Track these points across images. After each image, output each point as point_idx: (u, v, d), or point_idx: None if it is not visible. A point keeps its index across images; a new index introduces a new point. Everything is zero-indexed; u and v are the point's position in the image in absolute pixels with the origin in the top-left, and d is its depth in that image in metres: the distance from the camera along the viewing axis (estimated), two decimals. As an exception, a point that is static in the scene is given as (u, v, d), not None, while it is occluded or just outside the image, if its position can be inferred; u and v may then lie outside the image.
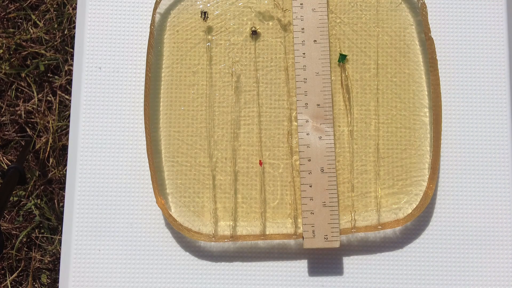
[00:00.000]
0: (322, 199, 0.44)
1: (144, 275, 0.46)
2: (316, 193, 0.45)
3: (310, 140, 0.45)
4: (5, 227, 1.03)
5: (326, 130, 0.45)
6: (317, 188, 0.45)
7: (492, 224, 0.47)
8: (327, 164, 0.45)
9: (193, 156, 0.47)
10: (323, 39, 0.47)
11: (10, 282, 1.02)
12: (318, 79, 0.46)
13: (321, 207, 0.44)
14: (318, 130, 0.45)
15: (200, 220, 0.46)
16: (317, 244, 0.44)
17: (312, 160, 0.45)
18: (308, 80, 0.46)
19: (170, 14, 0.48)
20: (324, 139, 0.45)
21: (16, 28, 1.11)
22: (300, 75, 0.46)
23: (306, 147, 0.45)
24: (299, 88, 0.46)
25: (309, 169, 0.45)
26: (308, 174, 0.45)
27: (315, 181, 0.45)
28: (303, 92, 0.46)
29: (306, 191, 0.45)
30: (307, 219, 0.44)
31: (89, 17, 0.49)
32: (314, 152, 0.45)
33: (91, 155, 0.48)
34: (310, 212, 0.44)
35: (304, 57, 0.46)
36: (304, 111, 0.46)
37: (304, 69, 0.46)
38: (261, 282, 0.46)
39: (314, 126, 0.45)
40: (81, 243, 0.47)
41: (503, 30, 0.49)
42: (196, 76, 0.48)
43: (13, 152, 1.07)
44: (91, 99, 0.48)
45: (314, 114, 0.46)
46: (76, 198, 0.47)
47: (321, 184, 0.45)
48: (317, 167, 0.45)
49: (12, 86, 1.08)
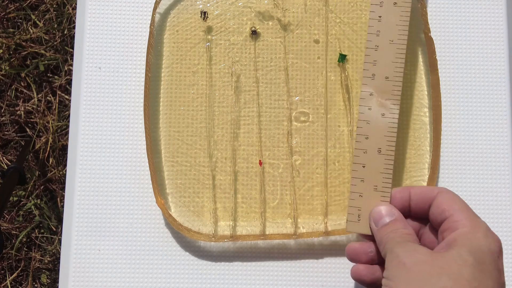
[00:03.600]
0: (374, 182, 0.40)
1: (144, 275, 0.46)
2: (369, 175, 0.40)
3: (371, 116, 0.41)
4: (5, 227, 1.03)
5: (391, 107, 0.41)
6: (370, 170, 0.41)
7: (492, 224, 0.47)
8: (386, 145, 0.40)
9: (193, 156, 0.47)
10: (405, 2, 0.42)
11: (10, 282, 1.02)
12: (392, 48, 0.41)
13: (372, 191, 0.40)
14: (382, 106, 0.41)
15: (200, 220, 0.46)
16: (361, 229, 0.40)
17: (370, 139, 0.41)
18: (379, 48, 0.41)
19: (170, 14, 0.48)
20: (387, 117, 0.41)
21: (16, 28, 1.11)
22: (372, 41, 0.42)
23: (366, 123, 0.41)
24: (368, 56, 0.41)
25: (364, 147, 0.41)
26: (363, 153, 0.41)
27: (369, 162, 0.41)
28: (371, 61, 0.41)
29: (358, 171, 0.41)
30: (354, 201, 0.41)
31: (89, 17, 0.49)
32: (374, 130, 0.41)
33: (91, 155, 0.48)
34: (358, 194, 0.41)
35: (380, 21, 0.42)
36: (369, 83, 0.41)
37: (378, 35, 0.41)
38: (261, 282, 0.46)
39: (378, 101, 0.41)
40: (81, 243, 0.47)
41: (503, 30, 0.49)
42: (196, 76, 0.48)
43: (13, 152, 1.07)
44: (91, 99, 0.48)
45: (380, 88, 0.41)
46: (76, 198, 0.47)
47: (376, 166, 0.40)
48: (374, 147, 0.41)
49: (12, 86, 1.08)
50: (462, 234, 0.34)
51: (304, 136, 0.47)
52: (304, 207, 0.46)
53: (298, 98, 0.48)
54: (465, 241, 0.34)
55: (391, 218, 0.38)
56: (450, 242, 0.35)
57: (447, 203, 0.37)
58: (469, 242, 0.34)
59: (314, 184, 0.47)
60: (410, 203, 0.39)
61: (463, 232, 0.35)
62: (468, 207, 0.36)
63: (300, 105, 0.48)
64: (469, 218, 0.35)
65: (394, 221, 0.38)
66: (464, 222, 0.35)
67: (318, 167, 0.47)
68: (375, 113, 0.41)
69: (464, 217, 0.35)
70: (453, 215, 0.36)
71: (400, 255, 0.34)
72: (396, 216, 0.38)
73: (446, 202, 0.37)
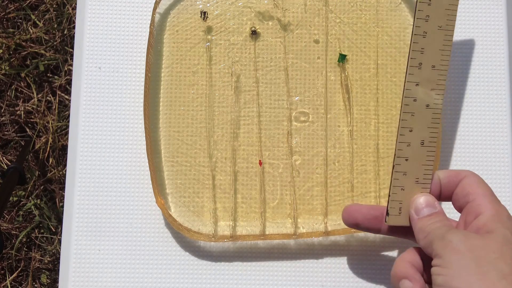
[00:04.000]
0: (416, 175, 0.40)
1: (144, 275, 0.46)
2: (412, 168, 0.40)
3: (416, 108, 0.39)
4: (5, 227, 1.03)
5: (435, 97, 0.39)
6: (413, 163, 0.40)
7: (492, 224, 0.47)
8: (429, 137, 0.39)
9: (193, 156, 0.47)
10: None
11: (10, 282, 1.02)
12: (440, 35, 0.39)
13: (413, 183, 0.40)
14: (427, 96, 0.39)
15: (200, 220, 0.46)
16: (401, 221, 0.40)
17: (414, 131, 0.39)
18: (428, 34, 0.39)
19: (170, 14, 0.48)
20: (432, 107, 0.39)
21: (15, 28, 1.11)
22: (420, 27, 0.39)
23: (410, 116, 0.39)
24: (416, 44, 0.39)
25: (408, 141, 0.39)
26: (406, 146, 0.39)
27: (412, 154, 0.40)
28: (419, 49, 0.39)
29: (401, 165, 0.40)
30: (396, 195, 0.40)
31: (88, 17, 0.49)
32: (418, 122, 0.39)
33: (90, 155, 0.48)
34: (400, 188, 0.40)
35: (430, 5, 0.39)
36: (415, 73, 0.39)
37: (427, 20, 0.39)
38: (261, 282, 0.46)
39: (423, 92, 0.39)
40: (80, 243, 0.47)
41: (503, 30, 0.49)
42: (196, 76, 0.48)
43: (13, 152, 1.07)
44: (90, 99, 0.48)
45: (426, 77, 0.39)
46: (76, 198, 0.47)
47: (418, 158, 0.40)
48: (417, 140, 0.39)
49: (12, 86, 1.08)
50: (491, 218, 0.35)
51: (304, 136, 0.47)
52: (304, 207, 0.46)
53: (298, 98, 0.48)
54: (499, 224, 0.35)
55: (434, 210, 0.38)
56: (480, 227, 0.35)
57: (472, 187, 0.37)
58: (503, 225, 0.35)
59: (314, 184, 0.47)
60: (441, 188, 0.39)
61: (491, 216, 0.35)
62: (491, 192, 0.37)
63: (300, 105, 0.48)
64: (492, 203, 0.36)
65: (438, 213, 0.38)
66: (488, 206, 0.36)
67: (318, 167, 0.47)
68: (420, 104, 0.39)
69: (487, 202, 0.36)
70: (476, 199, 0.36)
71: (453, 241, 0.34)
72: (439, 208, 0.39)
73: (470, 185, 0.37)
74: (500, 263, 0.33)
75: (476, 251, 0.34)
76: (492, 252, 0.33)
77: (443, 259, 0.34)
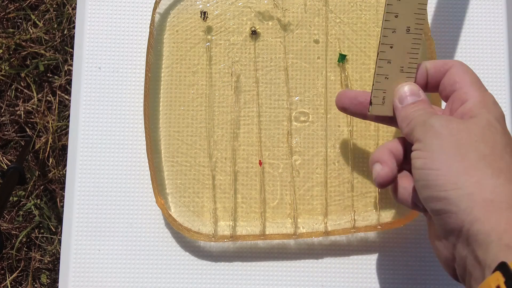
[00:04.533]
0: (400, 64, 0.39)
1: (144, 275, 0.46)
2: (396, 55, 0.39)
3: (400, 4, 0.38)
4: (5, 227, 1.03)
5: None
6: (398, 50, 0.39)
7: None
8: (415, 23, 0.38)
9: (193, 156, 0.47)
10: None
11: (10, 282, 1.03)
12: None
13: (398, 72, 0.39)
14: None
15: (200, 220, 0.46)
16: (384, 111, 0.39)
17: (400, 17, 0.38)
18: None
19: (170, 14, 0.48)
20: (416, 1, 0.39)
21: (15, 28, 1.11)
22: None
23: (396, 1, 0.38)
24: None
25: (393, 26, 0.38)
26: (391, 32, 0.38)
27: (397, 41, 0.39)
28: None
29: (386, 52, 0.39)
30: (380, 84, 0.39)
31: (88, 17, 0.49)
32: (404, 8, 0.38)
33: (90, 155, 0.48)
34: (384, 77, 0.39)
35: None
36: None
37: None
38: (261, 282, 0.46)
39: None
40: (80, 243, 0.47)
41: (503, 30, 0.49)
42: (196, 76, 0.48)
43: (13, 152, 1.07)
44: (90, 99, 0.48)
45: None
46: (76, 198, 0.47)
47: (403, 45, 0.39)
48: (403, 26, 0.38)
49: (11, 86, 1.08)
50: (477, 104, 0.35)
51: (304, 136, 0.47)
52: (304, 207, 0.46)
53: (298, 98, 0.48)
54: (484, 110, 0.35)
55: (417, 98, 0.38)
56: (466, 112, 0.35)
57: (459, 75, 0.37)
58: (488, 111, 0.35)
59: (314, 184, 0.47)
60: (427, 78, 0.39)
61: (476, 102, 0.35)
62: (478, 80, 0.37)
63: (300, 105, 0.48)
64: (478, 91, 0.36)
65: (421, 101, 0.38)
66: (473, 93, 0.36)
67: (318, 167, 0.47)
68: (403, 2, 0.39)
69: (473, 89, 0.36)
70: (463, 87, 0.36)
71: (435, 125, 0.34)
72: (423, 97, 0.38)
73: (458, 74, 0.37)
74: (480, 145, 0.33)
75: (457, 134, 0.34)
76: (473, 135, 0.33)
77: (423, 143, 0.35)
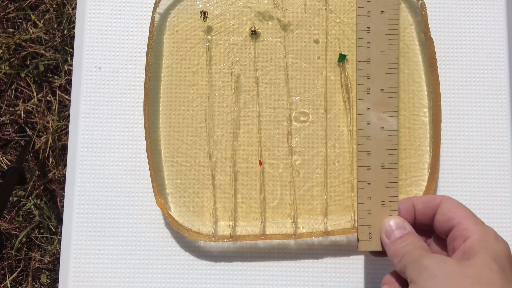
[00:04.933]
0: (381, 198, 0.40)
1: (144, 275, 0.46)
2: (375, 191, 0.40)
3: (371, 132, 0.40)
4: (5, 227, 1.03)
5: (389, 119, 0.40)
6: (376, 186, 0.40)
7: (492, 224, 0.47)
8: (389, 159, 0.40)
9: (193, 156, 0.47)
10: (392, 9, 0.41)
11: (10, 282, 1.02)
12: (384, 59, 0.40)
13: (380, 206, 0.40)
14: (380, 120, 0.40)
15: (200, 220, 0.46)
16: (373, 247, 0.40)
17: (372, 155, 0.40)
18: (372, 60, 0.40)
19: (170, 14, 0.48)
20: (387, 130, 0.40)
21: (15, 28, 1.11)
22: (363, 54, 0.41)
23: (366, 139, 0.40)
24: (361, 70, 0.41)
25: (368, 164, 0.40)
26: (367, 170, 0.40)
27: (374, 177, 0.40)
28: (365, 75, 0.40)
29: (364, 189, 0.40)
30: (364, 220, 0.40)
31: (88, 17, 0.49)
32: (375, 145, 0.40)
33: (90, 155, 0.48)
34: (367, 212, 0.40)
35: (369, 32, 0.41)
36: (365, 97, 0.40)
37: (368, 47, 0.40)
38: (261, 282, 0.46)
39: (376, 115, 0.40)
40: (80, 243, 0.47)
41: (503, 30, 0.49)
42: (196, 76, 0.48)
43: (13, 152, 1.07)
44: (90, 99, 0.48)
45: (377, 101, 0.40)
46: (76, 198, 0.47)
47: (381, 181, 0.40)
48: (377, 162, 0.40)
49: (11, 86, 1.08)
50: (477, 242, 0.35)
51: (304, 136, 0.47)
52: (304, 207, 0.46)
53: (298, 98, 0.48)
54: (483, 249, 0.34)
55: (404, 231, 0.38)
56: (467, 251, 0.35)
57: (452, 211, 0.37)
58: (487, 250, 0.34)
59: (314, 184, 0.47)
60: (415, 213, 0.39)
61: (476, 240, 0.35)
62: (472, 214, 0.37)
63: (300, 105, 0.48)
64: (477, 225, 0.36)
65: (408, 234, 0.38)
66: (474, 229, 0.35)
67: (318, 167, 0.47)
68: (374, 128, 0.41)
69: (472, 224, 0.36)
70: (461, 223, 0.36)
71: (429, 267, 0.34)
72: (409, 229, 0.39)
73: (451, 210, 0.37)
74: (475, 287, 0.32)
75: (454, 277, 0.33)
76: (468, 277, 0.33)
77: (418, 285, 0.34)
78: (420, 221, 0.39)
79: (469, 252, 0.35)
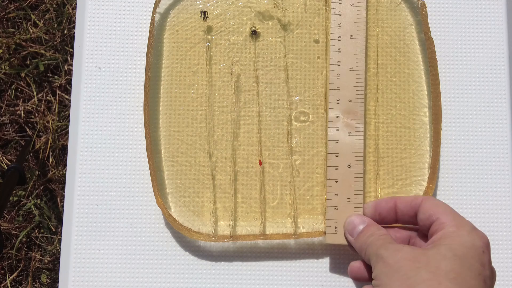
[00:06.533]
0: (347, 195, 0.44)
1: (144, 275, 0.46)
2: (342, 189, 0.44)
3: (340, 136, 0.45)
4: (5, 227, 1.03)
5: (356, 126, 0.45)
6: (343, 184, 0.44)
7: (492, 224, 0.47)
8: (355, 160, 0.44)
9: (193, 156, 0.47)
10: (360, 34, 0.46)
11: (10, 282, 1.03)
12: (352, 75, 0.46)
13: (346, 203, 0.44)
14: (348, 126, 0.45)
15: (200, 220, 0.46)
16: (339, 240, 0.44)
17: (340, 156, 0.45)
18: (341, 75, 0.46)
19: (170, 14, 0.48)
20: (354, 135, 0.45)
21: (15, 28, 1.11)
22: (334, 70, 0.46)
23: (335, 143, 0.45)
24: (332, 84, 0.46)
25: (336, 164, 0.45)
26: (335, 169, 0.45)
27: (341, 176, 0.44)
28: (335, 88, 0.46)
29: (332, 186, 0.44)
30: (331, 215, 0.44)
31: (88, 17, 0.49)
32: (343, 148, 0.45)
33: (91, 155, 0.48)
34: (334, 208, 0.44)
35: (339, 53, 0.46)
36: (335, 107, 0.46)
37: (339, 65, 0.46)
38: (261, 282, 0.46)
39: (344, 122, 0.45)
40: (80, 243, 0.47)
41: (503, 30, 0.49)
42: (196, 75, 0.48)
43: (13, 152, 1.07)
44: (90, 99, 0.48)
45: (345, 110, 0.45)
46: (76, 198, 0.47)
47: (347, 180, 0.44)
48: (344, 163, 0.44)
49: (12, 86, 1.08)
50: (447, 233, 0.37)
51: (304, 136, 0.47)
52: (304, 207, 0.46)
53: (298, 98, 0.48)
54: (448, 239, 0.37)
55: (363, 225, 0.41)
56: (434, 241, 0.37)
57: (433, 208, 0.40)
58: (451, 240, 0.37)
59: (314, 184, 0.47)
60: (396, 211, 0.42)
61: (447, 231, 0.37)
62: (452, 210, 0.39)
63: (300, 105, 0.48)
64: (454, 219, 0.38)
65: (367, 226, 0.41)
66: (450, 223, 0.38)
67: (318, 167, 0.47)
68: (342, 132, 0.45)
69: (449, 219, 0.38)
70: (439, 218, 0.39)
71: (384, 256, 0.37)
72: (367, 222, 0.42)
73: (431, 207, 0.40)
74: (422, 272, 0.35)
75: (403, 262, 0.36)
76: (417, 262, 0.35)
77: (375, 273, 0.37)
78: (402, 220, 0.42)
79: (436, 242, 0.37)
